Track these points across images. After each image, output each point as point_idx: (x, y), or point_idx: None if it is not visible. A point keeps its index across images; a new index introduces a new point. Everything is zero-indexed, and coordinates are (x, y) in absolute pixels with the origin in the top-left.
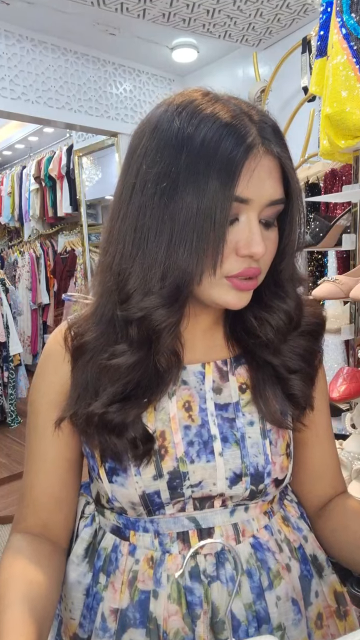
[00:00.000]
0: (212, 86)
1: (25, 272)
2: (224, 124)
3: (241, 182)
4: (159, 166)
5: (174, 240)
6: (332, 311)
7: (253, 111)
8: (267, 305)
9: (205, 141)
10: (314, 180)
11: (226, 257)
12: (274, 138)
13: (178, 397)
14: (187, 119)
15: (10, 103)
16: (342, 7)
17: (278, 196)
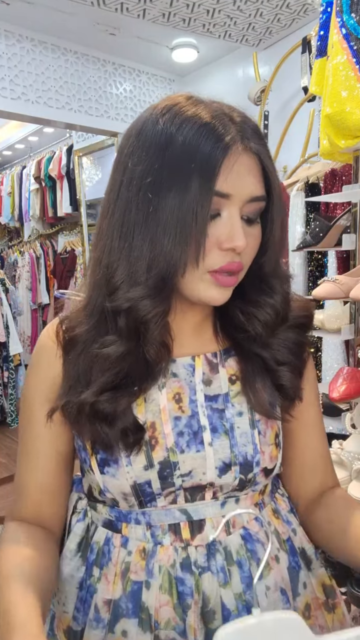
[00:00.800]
0: (212, 86)
1: (25, 272)
2: (204, 124)
3: (220, 178)
4: (144, 164)
5: (158, 234)
6: (332, 311)
7: (234, 113)
8: (253, 300)
9: (186, 140)
10: (314, 180)
11: (209, 251)
12: (253, 137)
13: (168, 389)
14: (170, 120)
15: (10, 103)
16: (342, 7)
17: (258, 193)
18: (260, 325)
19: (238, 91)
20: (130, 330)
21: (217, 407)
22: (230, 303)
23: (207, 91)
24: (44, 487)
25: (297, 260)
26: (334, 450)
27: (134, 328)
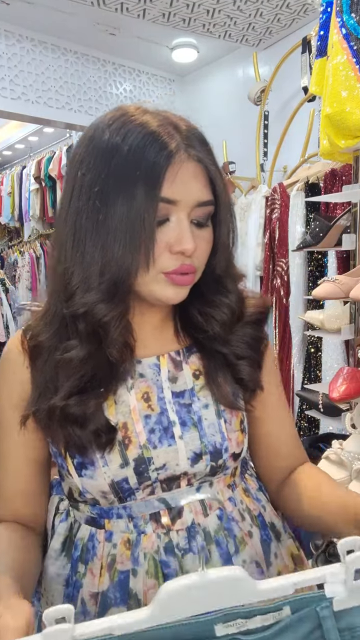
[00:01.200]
0: (212, 86)
1: (25, 272)
2: (149, 132)
3: (165, 185)
4: (92, 173)
5: (109, 241)
6: (332, 311)
7: (181, 122)
8: (210, 300)
9: (131, 149)
10: (314, 180)
11: (160, 255)
12: (198, 146)
13: (136, 390)
14: (117, 130)
15: (10, 103)
16: (342, 7)
17: (205, 198)
18: (218, 324)
19: (238, 91)
20: (90, 334)
21: (184, 402)
22: (188, 303)
23: (207, 91)
24: (19, 490)
25: (297, 260)
26: (334, 450)
27: (93, 331)
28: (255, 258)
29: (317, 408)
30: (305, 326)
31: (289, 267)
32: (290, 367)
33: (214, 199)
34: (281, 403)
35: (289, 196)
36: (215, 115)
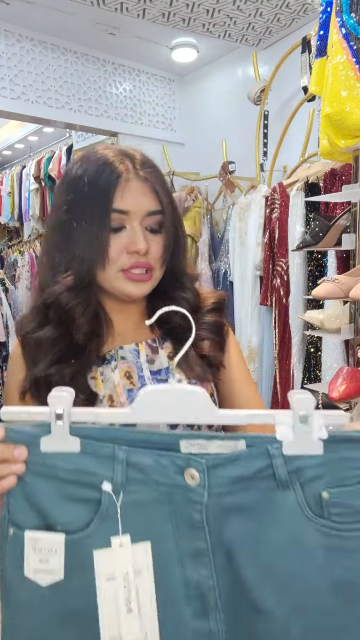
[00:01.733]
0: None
1: (25, 272)
2: (104, 162)
3: (116, 199)
4: (63, 198)
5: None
6: (332, 311)
7: (136, 154)
8: (171, 297)
9: (90, 176)
10: (314, 180)
11: (118, 256)
12: (145, 168)
13: (120, 370)
14: (81, 165)
15: (10, 103)
16: (342, 7)
17: (153, 208)
18: (179, 317)
19: (238, 91)
20: (59, 319)
21: (161, 379)
22: (155, 302)
23: (207, 91)
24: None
25: (297, 260)
26: None
27: (59, 317)
28: (255, 258)
29: (317, 408)
30: (305, 326)
31: (289, 267)
32: (290, 367)
33: (162, 210)
34: (246, 381)
35: (289, 196)
36: (215, 115)
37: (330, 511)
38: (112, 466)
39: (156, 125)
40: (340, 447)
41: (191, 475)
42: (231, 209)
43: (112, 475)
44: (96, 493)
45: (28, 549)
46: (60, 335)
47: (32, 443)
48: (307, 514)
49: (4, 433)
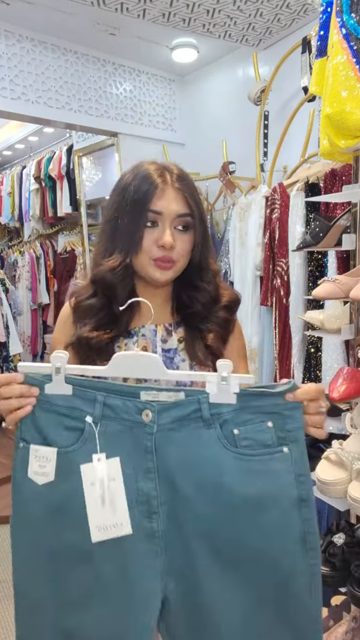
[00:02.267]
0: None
1: (25, 272)
2: (147, 174)
3: (153, 201)
4: (113, 201)
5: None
6: (332, 311)
7: (174, 168)
8: (194, 286)
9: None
10: (314, 180)
11: (150, 247)
12: (179, 181)
13: (139, 344)
14: (129, 175)
15: (10, 103)
16: (342, 7)
17: (182, 211)
18: (200, 304)
19: (238, 91)
20: (101, 292)
21: (169, 356)
22: (180, 289)
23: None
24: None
25: (297, 260)
26: (334, 450)
27: (103, 291)
28: (255, 258)
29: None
30: (305, 326)
31: (289, 267)
32: (290, 367)
33: (190, 213)
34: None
35: (289, 196)
36: (215, 115)
37: (240, 443)
38: (93, 405)
39: (156, 125)
40: (246, 398)
41: (146, 414)
42: (231, 209)
43: (93, 412)
44: (81, 423)
45: (31, 457)
46: (102, 305)
47: (39, 387)
48: (224, 444)
49: (24, 377)
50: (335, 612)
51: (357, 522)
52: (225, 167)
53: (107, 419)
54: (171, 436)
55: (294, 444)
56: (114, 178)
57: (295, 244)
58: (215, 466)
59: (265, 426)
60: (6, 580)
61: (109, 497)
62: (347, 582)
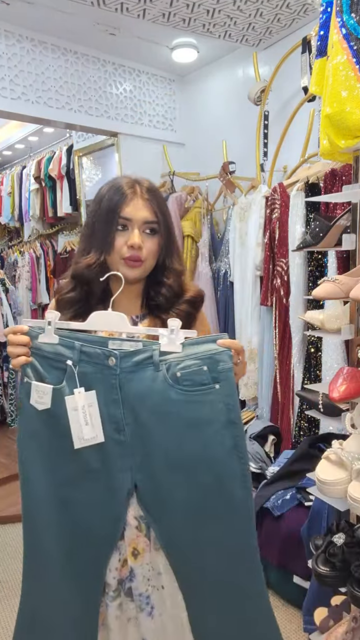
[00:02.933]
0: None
1: (25, 272)
2: (119, 186)
3: (123, 209)
4: (91, 209)
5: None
6: (332, 311)
7: (144, 181)
8: (159, 282)
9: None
10: (314, 180)
11: (121, 247)
12: (148, 192)
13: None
14: (106, 187)
15: (10, 103)
16: (342, 7)
17: (149, 218)
18: (163, 297)
19: (238, 91)
20: (80, 287)
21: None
22: (149, 286)
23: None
24: None
25: (297, 260)
26: (334, 450)
27: (81, 285)
28: (255, 258)
29: (317, 408)
30: (305, 326)
31: (289, 267)
32: (290, 367)
33: (156, 220)
34: None
35: (289, 196)
36: (215, 115)
37: (182, 382)
38: (72, 352)
39: (156, 125)
40: (188, 347)
41: (111, 360)
42: (231, 209)
43: (72, 357)
44: (64, 366)
45: (33, 390)
46: (80, 297)
47: (35, 337)
48: (169, 383)
49: (28, 329)
50: (335, 612)
51: (357, 522)
52: (225, 167)
53: (84, 362)
54: (131, 376)
55: (225, 381)
56: None
57: (295, 244)
58: (162, 398)
59: (202, 370)
60: (6, 580)
61: (89, 418)
62: (347, 582)
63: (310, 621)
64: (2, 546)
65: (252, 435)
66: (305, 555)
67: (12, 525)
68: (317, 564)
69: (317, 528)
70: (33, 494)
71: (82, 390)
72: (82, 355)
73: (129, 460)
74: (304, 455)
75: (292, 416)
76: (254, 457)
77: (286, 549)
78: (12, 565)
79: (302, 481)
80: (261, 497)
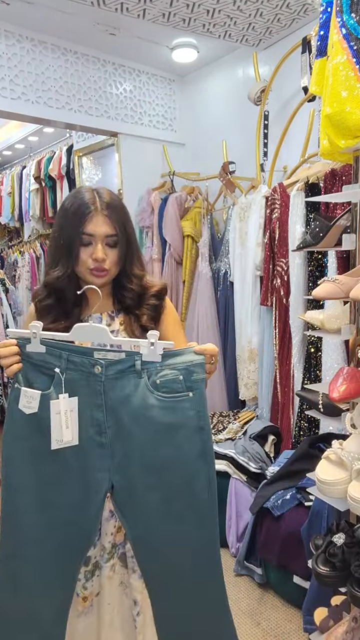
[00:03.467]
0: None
1: (25, 272)
2: (82, 201)
3: (85, 226)
4: (56, 222)
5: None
6: (332, 311)
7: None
8: (123, 286)
9: (73, 210)
10: (314, 180)
11: (86, 260)
12: (107, 208)
13: None
14: (69, 202)
15: (10, 103)
16: (342, 7)
17: (110, 232)
18: (129, 299)
19: (238, 91)
20: (53, 294)
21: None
22: (115, 289)
23: (207, 91)
24: None
25: (297, 260)
26: (334, 450)
27: (54, 293)
28: (255, 258)
29: (317, 408)
30: (305, 326)
31: (289, 267)
32: (290, 367)
33: (116, 234)
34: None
35: (289, 196)
36: (215, 115)
37: (160, 389)
38: (59, 360)
39: (156, 125)
40: (167, 358)
41: (97, 368)
42: (231, 209)
43: (60, 365)
44: (52, 373)
45: (22, 395)
46: (55, 304)
47: (23, 346)
48: (150, 389)
49: (16, 342)
50: (335, 612)
51: (357, 522)
52: (225, 167)
53: (70, 370)
54: (114, 383)
55: (197, 390)
56: (114, 178)
57: (295, 244)
58: (143, 403)
59: (177, 379)
60: None
61: (69, 421)
62: (347, 582)
63: (310, 621)
64: None
65: (252, 435)
66: (305, 555)
67: None
68: (317, 564)
69: (317, 528)
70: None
71: (66, 396)
72: (69, 363)
73: (108, 462)
74: (304, 455)
75: (292, 416)
76: (254, 457)
77: (286, 549)
78: None
79: (302, 481)
80: (261, 497)
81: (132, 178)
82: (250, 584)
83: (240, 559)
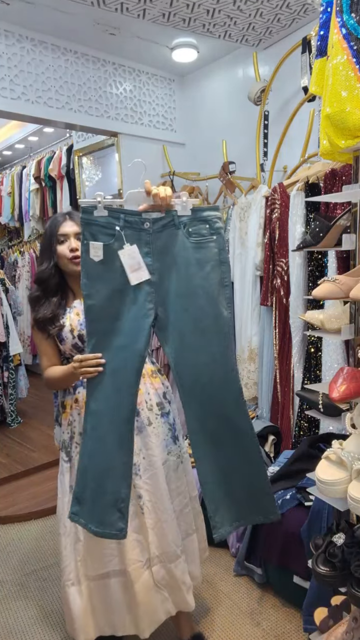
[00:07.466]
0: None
1: (25, 272)
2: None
3: (60, 230)
4: (44, 234)
5: (46, 252)
6: (332, 311)
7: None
8: None
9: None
10: (314, 180)
11: (64, 252)
12: (75, 217)
13: (74, 314)
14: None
15: (10, 103)
16: (342, 7)
17: (78, 231)
18: None
19: (238, 91)
20: (42, 288)
21: None
22: None
23: (207, 91)
24: (53, 362)
25: (297, 260)
26: (334, 450)
27: (41, 285)
28: (255, 258)
29: (317, 408)
30: (305, 326)
31: (289, 267)
32: (290, 367)
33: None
34: None
35: (289, 196)
36: (215, 115)
37: (192, 235)
38: (119, 220)
39: (156, 125)
40: (195, 212)
41: (146, 224)
42: (231, 209)
43: (119, 224)
44: (114, 231)
45: (90, 247)
46: (42, 295)
47: (91, 212)
48: (185, 236)
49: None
50: (335, 612)
51: (357, 522)
52: (225, 167)
53: (126, 228)
54: (159, 235)
55: (219, 235)
56: (114, 179)
57: (295, 244)
58: (181, 246)
59: (204, 227)
60: (6, 580)
61: (137, 260)
62: (347, 582)
63: (310, 621)
64: (2, 546)
65: None
66: (305, 555)
67: (12, 525)
68: (317, 564)
69: (317, 528)
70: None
71: (129, 244)
72: (125, 222)
73: (153, 296)
74: (304, 455)
75: (292, 416)
76: None
77: (286, 549)
78: (12, 565)
79: (302, 481)
80: None
81: (132, 178)
82: (250, 584)
83: (240, 559)
